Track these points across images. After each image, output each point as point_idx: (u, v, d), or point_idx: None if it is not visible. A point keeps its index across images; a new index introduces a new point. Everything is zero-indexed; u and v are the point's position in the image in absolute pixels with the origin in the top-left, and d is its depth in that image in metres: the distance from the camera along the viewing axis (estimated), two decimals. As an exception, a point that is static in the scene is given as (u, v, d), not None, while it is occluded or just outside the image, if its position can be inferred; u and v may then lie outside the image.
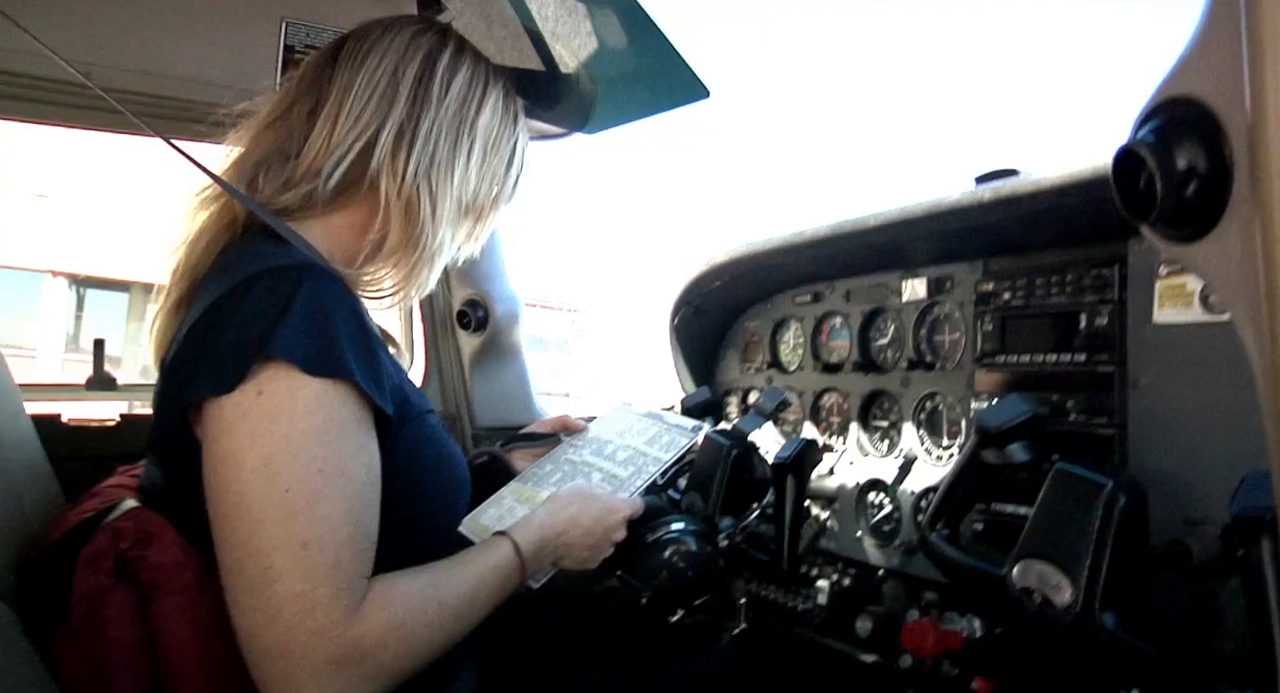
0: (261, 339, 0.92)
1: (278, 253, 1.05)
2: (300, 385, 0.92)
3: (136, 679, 0.95)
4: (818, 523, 1.78)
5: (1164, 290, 1.22)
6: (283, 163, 1.15)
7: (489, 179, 1.24)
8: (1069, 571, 1.03)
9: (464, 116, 1.19)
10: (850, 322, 1.81)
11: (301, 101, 1.18)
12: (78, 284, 12.06)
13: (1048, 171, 1.28)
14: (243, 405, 0.91)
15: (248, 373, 0.91)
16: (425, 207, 1.15)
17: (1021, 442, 1.18)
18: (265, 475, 0.89)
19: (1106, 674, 1.19)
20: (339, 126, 1.13)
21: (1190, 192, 0.58)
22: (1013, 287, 1.43)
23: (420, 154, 1.14)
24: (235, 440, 0.91)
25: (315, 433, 0.92)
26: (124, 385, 2.00)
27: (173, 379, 1.00)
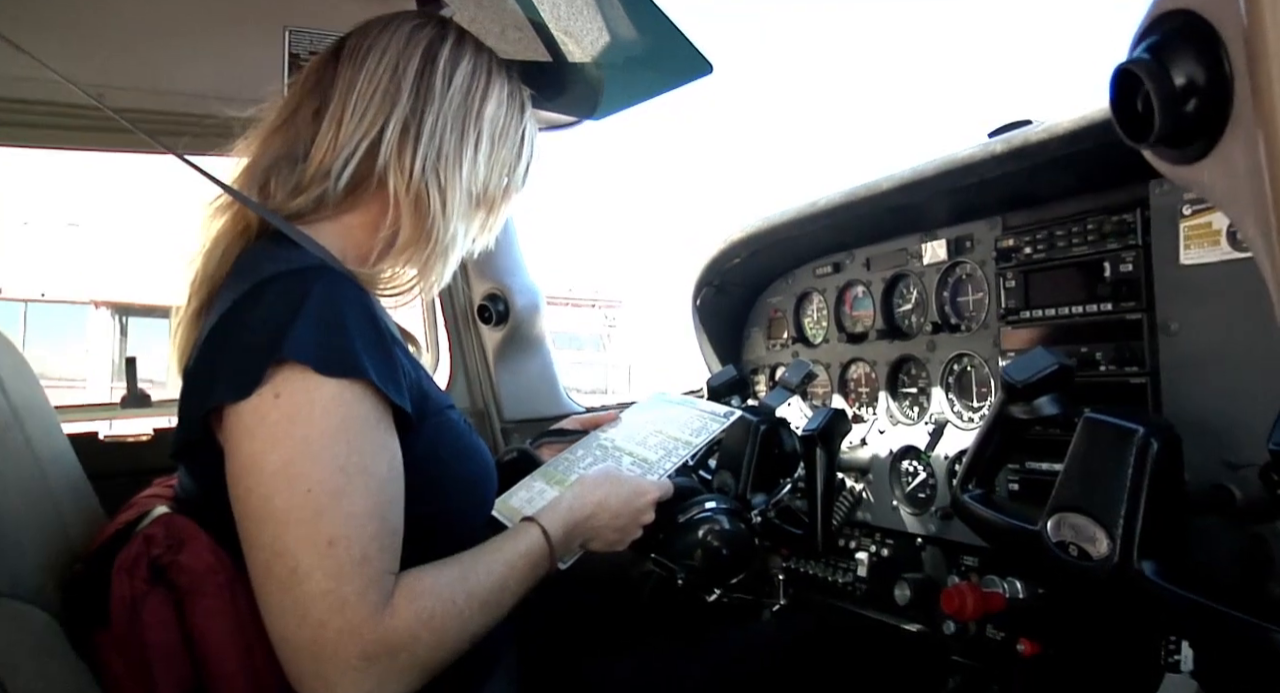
0: (275, 342, 0.92)
1: (290, 257, 1.06)
2: (316, 387, 0.93)
3: (178, 681, 0.97)
4: (853, 495, 1.76)
5: (1189, 231, 1.18)
6: (292, 166, 1.16)
7: (499, 169, 1.23)
8: (1104, 521, 1.00)
9: (469, 108, 1.19)
10: (872, 289, 1.79)
11: (306, 104, 1.19)
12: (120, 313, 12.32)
13: (1060, 118, 1.25)
14: (261, 409, 0.92)
15: (263, 377, 0.92)
16: (435, 200, 1.15)
17: (1050, 395, 1.15)
18: (287, 477, 0.90)
19: (1153, 626, 1.16)
20: (344, 126, 1.14)
21: (1190, 108, 0.56)
22: (1033, 240, 1.40)
23: (427, 148, 1.15)
24: (255, 444, 0.92)
25: (334, 433, 0.93)
26: (158, 401, 2.03)
27: (193, 386, 1.01)
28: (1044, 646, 1.33)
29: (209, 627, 0.98)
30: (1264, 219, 0.53)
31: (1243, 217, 0.56)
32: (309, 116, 1.18)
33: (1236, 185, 0.54)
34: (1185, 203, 1.18)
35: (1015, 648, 1.35)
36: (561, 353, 2.26)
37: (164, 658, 0.96)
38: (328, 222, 1.16)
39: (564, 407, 2.18)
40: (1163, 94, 0.55)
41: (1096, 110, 1.18)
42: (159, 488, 1.25)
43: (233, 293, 1.01)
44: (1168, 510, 0.98)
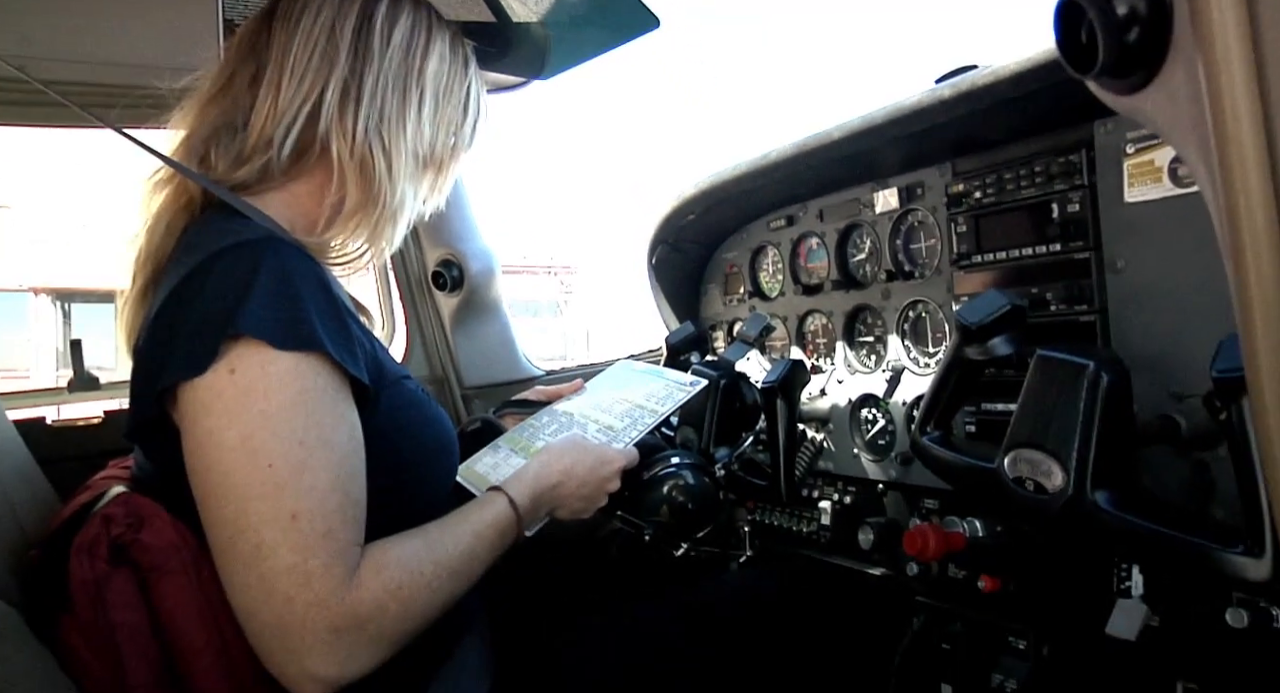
0: (227, 318, 0.90)
1: (238, 229, 1.03)
2: (271, 361, 0.91)
3: (147, 661, 0.96)
4: (814, 445, 1.79)
5: (1133, 169, 1.20)
6: (232, 136, 1.12)
7: (445, 128, 1.21)
8: (1058, 455, 1.03)
9: (409, 66, 1.16)
10: (826, 241, 1.80)
11: (242, 70, 1.15)
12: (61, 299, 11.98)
13: (1005, 61, 1.25)
14: (216, 386, 0.90)
15: (218, 353, 0.90)
16: (380, 163, 1.12)
17: (1003, 335, 1.17)
18: (247, 453, 0.89)
19: (1106, 554, 1.20)
20: (283, 92, 1.11)
21: (1132, 37, 0.56)
22: (982, 185, 1.42)
23: (369, 110, 1.12)
24: (213, 420, 0.90)
25: (292, 406, 0.92)
26: (107, 384, 1.98)
27: (145, 365, 0.99)
28: (1004, 581, 1.37)
29: (175, 604, 0.97)
30: (1204, 145, 0.54)
31: (1185, 144, 0.57)
32: (245, 83, 1.14)
33: (1178, 113, 0.55)
34: (1128, 142, 1.20)
35: (976, 585, 1.39)
36: (519, 320, 2.24)
37: (131, 638, 0.95)
38: (274, 191, 1.13)
39: (523, 371, 2.17)
40: (1106, 23, 0.55)
41: (1041, 53, 1.19)
42: (115, 470, 1.22)
43: (181, 268, 0.98)
44: (1119, 442, 1.01)
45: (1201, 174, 0.55)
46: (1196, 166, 0.55)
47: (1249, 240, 0.51)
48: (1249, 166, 0.50)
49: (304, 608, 0.88)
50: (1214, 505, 1.10)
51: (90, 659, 0.95)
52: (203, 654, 0.97)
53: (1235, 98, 0.49)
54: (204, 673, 0.96)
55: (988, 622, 1.41)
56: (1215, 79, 0.51)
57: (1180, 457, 1.13)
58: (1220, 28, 0.50)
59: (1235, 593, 1.05)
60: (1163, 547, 0.96)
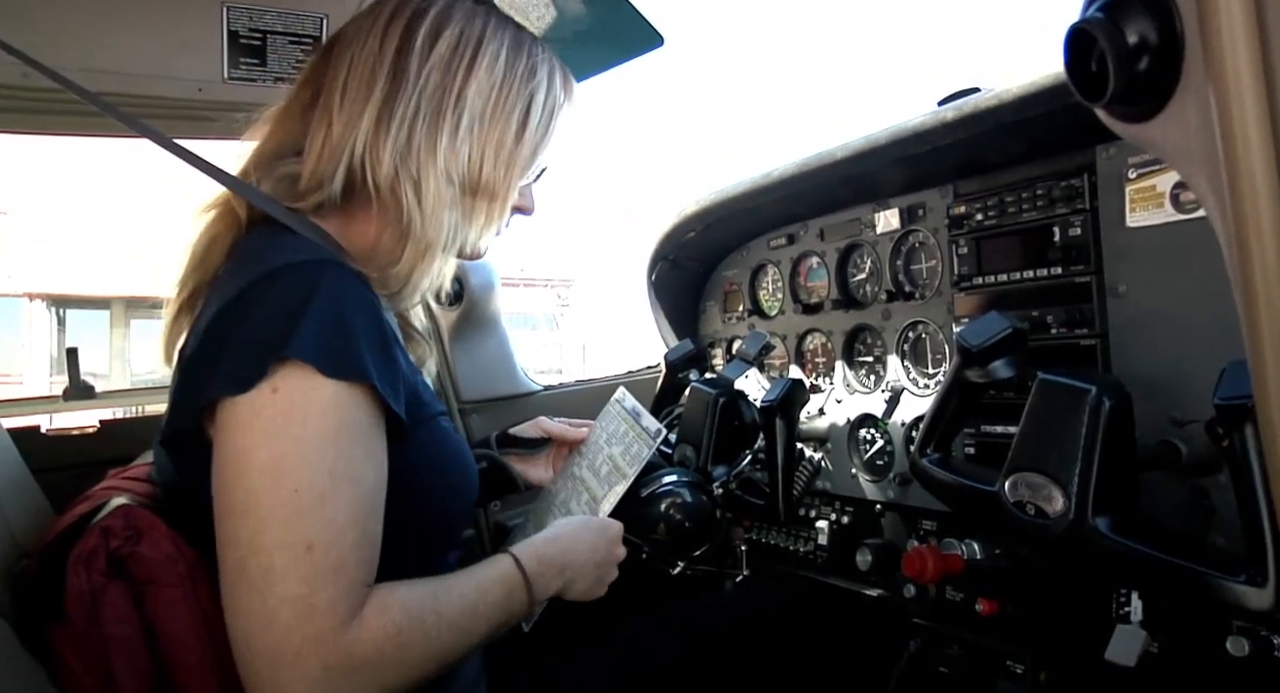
0: (280, 339, 0.89)
1: (297, 246, 1.01)
2: (317, 387, 0.89)
3: (139, 675, 0.95)
4: (812, 464, 1.78)
5: (1134, 194, 1.21)
6: (284, 162, 1.09)
7: (493, 150, 1.11)
8: (1060, 479, 1.02)
9: (447, 86, 1.08)
10: (826, 260, 1.80)
11: (298, 96, 1.13)
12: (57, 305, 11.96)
13: (1009, 85, 1.26)
14: (257, 404, 0.88)
15: (264, 372, 0.88)
16: (408, 195, 1.06)
17: (1004, 358, 1.17)
18: (274, 475, 0.87)
19: (1106, 580, 1.20)
20: (334, 125, 1.07)
21: (1142, 66, 0.56)
22: (984, 207, 1.42)
23: (395, 138, 1.05)
24: (247, 438, 0.88)
25: (328, 435, 0.90)
26: (102, 393, 1.97)
27: (190, 377, 0.97)
28: (1001, 605, 1.36)
29: (170, 618, 0.96)
30: (1215, 175, 0.54)
31: (1194, 174, 0.57)
32: (299, 110, 1.11)
33: (1188, 142, 0.55)
34: (1130, 167, 1.20)
35: (974, 608, 1.38)
36: (515, 333, 2.24)
37: (124, 652, 0.94)
38: (329, 220, 1.10)
39: (522, 386, 2.16)
40: (1117, 52, 0.55)
41: (1044, 77, 1.20)
42: (115, 480, 1.22)
43: (234, 282, 0.96)
44: (1120, 467, 1.01)
45: (1211, 203, 0.55)
46: (1206, 195, 0.55)
47: (1259, 269, 0.51)
48: (1260, 196, 0.50)
49: (301, 641, 0.86)
50: (1213, 532, 1.09)
51: (82, 672, 0.95)
52: (195, 670, 0.96)
53: (1246, 128, 0.50)
54: (196, 688, 0.95)
55: (985, 645, 1.40)
56: (1226, 109, 0.51)
57: (1180, 483, 1.13)
58: (1232, 57, 0.50)
59: (1235, 621, 1.05)
60: (1164, 574, 0.95)
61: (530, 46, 1.14)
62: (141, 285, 11.52)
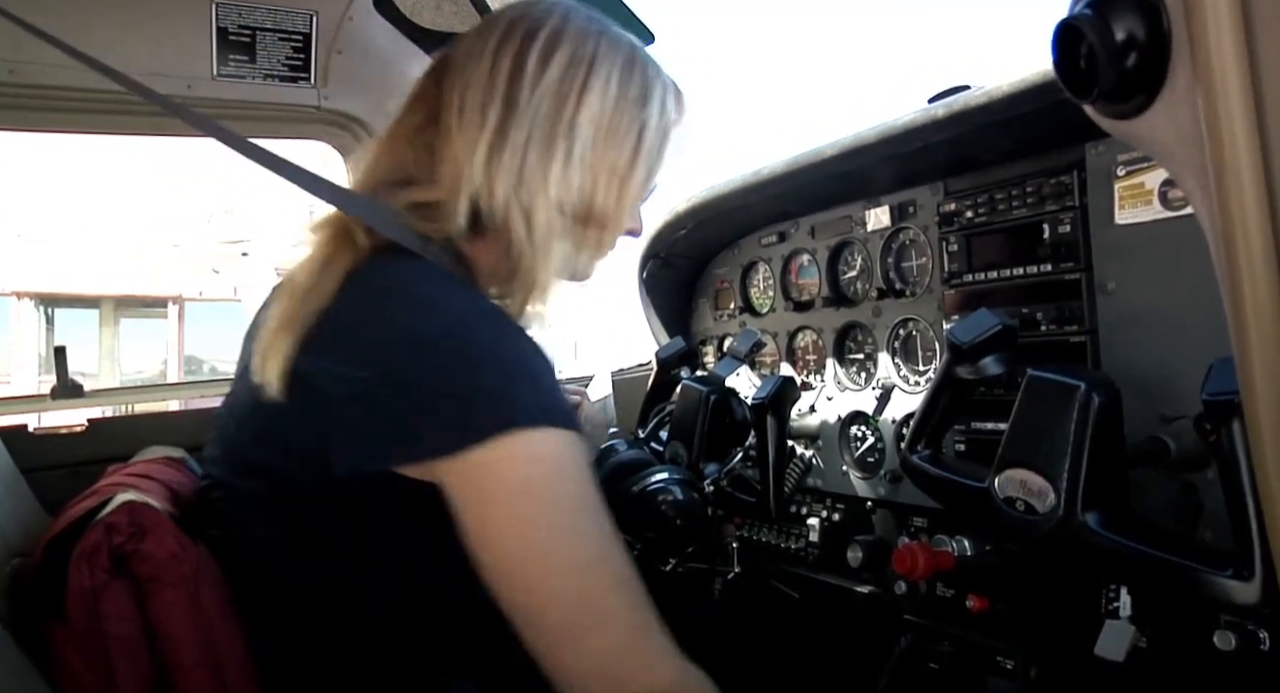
0: (509, 409, 0.91)
1: (448, 293, 0.99)
2: (564, 443, 0.94)
3: (138, 673, 0.95)
4: (803, 461, 1.78)
5: (1123, 191, 1.21)
6: (410, 190, 1.06)
7: (604, 178, 1.07)
8: (1049, 475, 1.03)
9: (559, 113, 1.04)
10: (817, 257, 1.80)
11: (406, 121, 1.11)
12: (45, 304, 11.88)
13: (999, 82, 1.26)
14: (524, 472, 0.92)
15: (496, 437, 0.90)
16: (518, 226, 1.03)
17: (994, 355, 1.17)
18: (574, 531, 0.93)
19: (1095, 575, 1.20)
20: (455, 154, 1.04)
21: (1130, 63, 0.57)
22: (974, 204, 1.42)
23: (508, 169, 1.02)
24: (530, 506, 0.92)
25: (588, 482, 0.96)
26: (91, 392, 1.96)
27: (364, 426, 0.94)
28: (992, 601, 1.37)
29: (171, 619, 0.96)
30: (1201, 171, 0.54)
31: (1181, 169, 0.57)
32: (407, 135, 1.10)
33: (1175, 138, 0.56)
34: (1119, 164, 1.21)
35: (964, 605, 1.38)
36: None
37: (124, 651, 0.94)
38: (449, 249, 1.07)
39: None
40: (1105, 48, 0.56)
41: (1034, 74, 1.20)
42: (119, 476, 1.21)
43: (398, 324, 0.95)
44: (1109, 463, 1.02)
45: (1198, 199, 0.55)
46: (1193, 191, 0.56)
47: (1245, 265, 0.52)
48: (1245, 192, 0.51)
49: (645, 657, 0.92)
50: (1201, 528, 1.10)
51: (81, 670, 0.95)
52: (194, 672, 0.96)
53: (1233, 124, 0.50)
54: (194, 689, 0.95)
55: (975, 642, 1.41)
56: (1213, 105, 0.51)
57: (1168, 479, 1.14)
58: (1218, 55, 0.50)
59: (1223, 616, 1.06)
60: (1152, 569, 0.96)
61: (643, 65, 1.11)
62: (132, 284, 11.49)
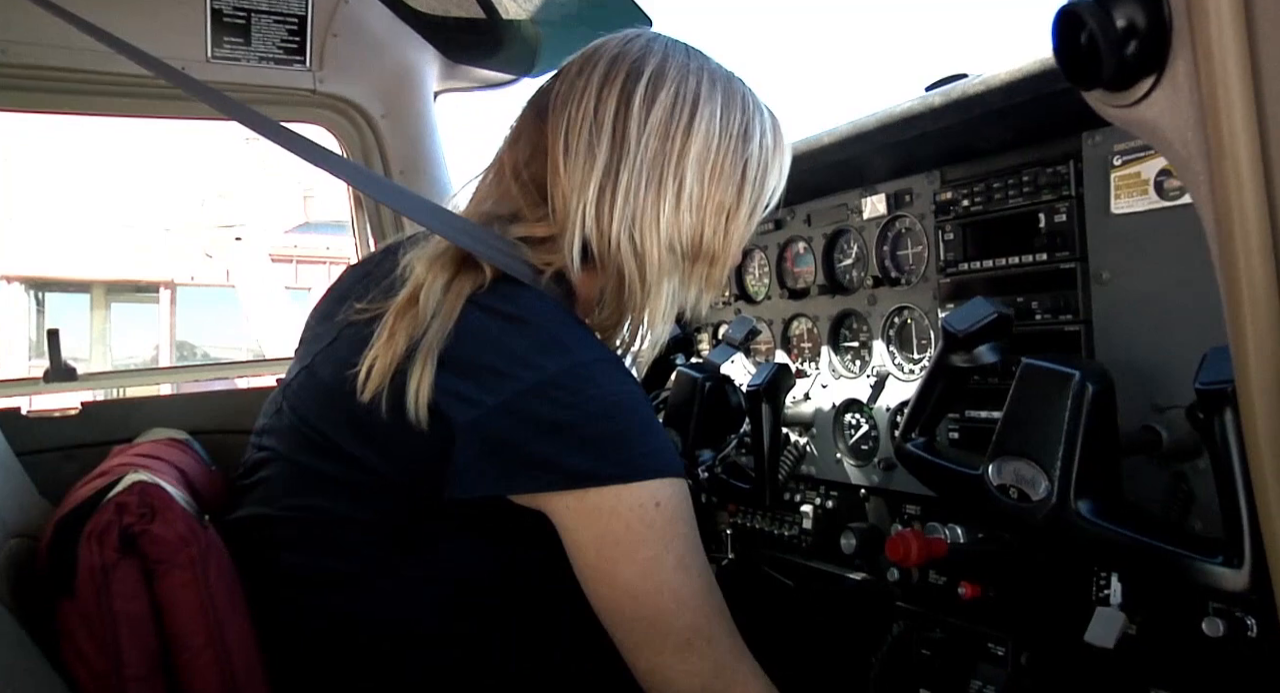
0: (633, 459, 1.00)
1: (575, 336, 1.04)
2: (677, 491, 1.04)
3: (145, 652, 0.97)
4: (797, 449, 1.79)
5: (1119, 181, 1.21)
6: (519, 225, 1.09)
7: (712, 215, 1.10)
8: (1043, 464, 1.03)
9: (668, 153, 1.06)
10: (813, 245, 1.80)
11: (510, 156, 1.14)
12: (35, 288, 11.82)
13: (997, 70, 1.26)
14: (645, 517, 1.00)
15: (613, 483, 0.99)
16: (630, 265, 1.06)
17: (989, 343, 1.18)
18: (685, 569, 1.03)
19: (1087, 563, 1.21)
20: (564, 192, 1.06)
21: (1131, 50, 0.57)
22: (971, 193, 1.42)
23: (621, 209, 1.05)
24: (648, 548, 1.01)
25: (694, 523, 1.07)
26: (84, 375, 1.96)
27: (488, 452, 0.99)
28: (984, 588, 1.38)
29: (179, 599, 0.99)
30: (1200, 158, 0.54)
31: (1180, 158, 0.58)
32: (512, 171, 1.12)
33: (1175, 125, 0.56)
34: (1116, 154, 1.21)
35: (956, 592, 1.39)
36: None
37: (132, 629, 0.96)
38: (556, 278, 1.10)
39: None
40: (1105, 35, 0.56)
41: (1032, 62, 1.20)
42: (128, 457, 1.22)
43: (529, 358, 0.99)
44: (1102, 452, 1.02)
45: (1196, 186, 0.55)
46: (1191, 178, 0.56)
47: (1242, 252, 0.52)
48: (1243, 178, 0.51)
49: (738, 675, 1.07)
50: (1192, 517, 1.11)
51: (88, 647, 0.97)
52: (201, 653, 0.98)
53: (1232, 111, 0.50)
54: (200, 669, 0.97)
55: (967, 629, 1.42)
56: (1212, 93, 0.51)
57: (1160, 468, 1.15)
58: (1219, 42, 0.51)
59: (1211, 603, 1.07)
60: (1144, 556, 0.97)
61: (742, 99, 1.13)
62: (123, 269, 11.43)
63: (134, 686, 0.94)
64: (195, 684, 0.97)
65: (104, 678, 0.94)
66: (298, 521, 1.08)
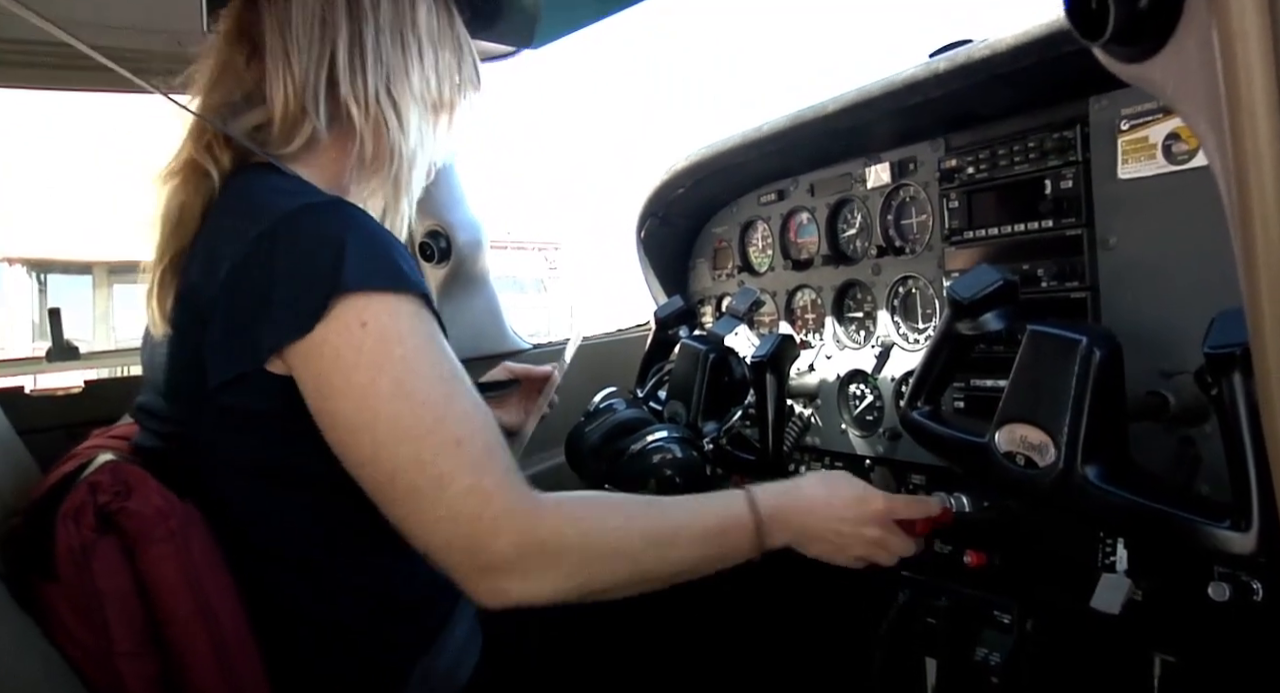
0: (335, 276, 0.93)
1: (295, 190, 1.05)
2: (393, 307, 0.96)
3: (132, 628, 0.97)
4: (802, 420, 1.79)
5: (1126, 146, 1.20)
6: (236, 114, 1.12)
7: (445, 72, 1.21)
8: (1050, 430, 1.03)
9: (401, 18, 1.15)
10: (817, 215, 1.79)
11: (235, 52, 1.15)
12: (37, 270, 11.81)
13: (1002, 35, 1.24)
14: (352, 340, 0.93)
15: (330, 308, 0.93)
16: (391, 118, 1.14)
17: (995, 311, 1.17)
18: (403, 396, 0.93)
19: (1093, 528, 1.21)
20: (295, 65, 1.10)
21: (1143, 3, 0.55)
22: (975, 160, 1.41)
23: (374, 68, 1.12)
24: (361, 374, 0.93)
25: (425, 345, 0.97)
26: (87, 354, 1.96)
27: (234, 329, 0.98)
28: (989, 556, 1.38)
29: (161, 573, 0.98)
30: (1215, 114, 0.53)
31: (1194, 113, 0.56)
32: (243, 63, 1.14)
33: (1189, 81, 0.55)
34: (1123, 118, 1.19)
35: (962, 560, 1.40)
36: (505, 296, 2.22)
37: (117, 605, 0.96)
38: (300, 160, 1.13)
39: (511, 344, 2.16)
40: (1118, -12, 0.54)
41: (1037, 27, 1.18)
42: (101, 439, 1.22)
43: (250, 226, 0.98)
44: (1109, 417, 1.02)
45: (1210, 143, 0.54)
46: (1206, 135, 0.55)
47: (1258, 210, 0.51)
48: (1261, 135, 0.50)
49: (491, 523, 0.93)
50: (1199, 481, 1.11)
51: (75, 626, 0.96)
52: (190, 622, 0.98)
53: (1250, 63, 0.49)
54: (189, 640, 0.97)
55: (973, 596, 1.42)
56: (1230, 46, 0.50)
57: (1168, 433, 1.14)
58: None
59: (1217, 567, 1.07)
60: (1152, 521, 0.97)
61: None
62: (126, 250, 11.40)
63: (125, 661, 0.94)
64: (186, 657, 0.96)
65: (96, 656, 0.95)
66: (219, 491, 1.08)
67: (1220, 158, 0.53)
